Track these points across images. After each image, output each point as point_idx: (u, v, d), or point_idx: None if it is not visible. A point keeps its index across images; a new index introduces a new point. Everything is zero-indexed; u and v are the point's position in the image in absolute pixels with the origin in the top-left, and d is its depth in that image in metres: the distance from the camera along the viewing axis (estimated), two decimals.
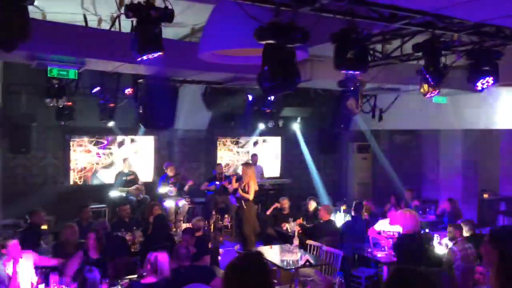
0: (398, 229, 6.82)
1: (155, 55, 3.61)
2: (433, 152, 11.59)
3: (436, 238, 7.03)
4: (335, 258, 6.43)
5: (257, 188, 8.58)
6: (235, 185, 8.78)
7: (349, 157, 13.21)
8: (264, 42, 3.20)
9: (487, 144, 10.57)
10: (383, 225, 7.37)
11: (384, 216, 8.18)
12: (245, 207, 8.38)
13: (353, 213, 8.01)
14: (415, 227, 5.51)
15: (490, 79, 4.90)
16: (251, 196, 8.32)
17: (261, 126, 10.56)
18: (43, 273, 5.59)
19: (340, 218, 8.66)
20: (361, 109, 6.57)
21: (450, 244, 6.00)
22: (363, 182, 12.89)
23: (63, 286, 5.00)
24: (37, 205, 8.16)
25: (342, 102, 6.17)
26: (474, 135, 10.22)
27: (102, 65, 5.92)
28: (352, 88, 6.09)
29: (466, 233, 6.28)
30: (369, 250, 6.81)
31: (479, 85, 4.94)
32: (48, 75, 5.51)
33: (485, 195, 10.57)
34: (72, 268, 5.42)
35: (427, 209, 9.88)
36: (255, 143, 12.50)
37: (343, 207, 9.34)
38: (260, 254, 2.01)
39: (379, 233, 7.27)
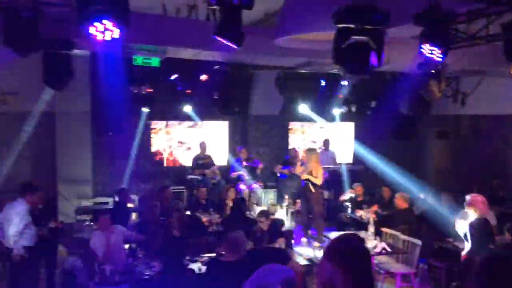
0: None
1: (234, 45, 3.68)
2: None
3: None
4: (413, 247, 6.27)
5: (322, 172, 8.58)
6: (299, 169, 8.79)
7: (428, 143, 12.65)
8: (341, 26, 3.16)
9: None
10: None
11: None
12: (313, 191, 8.37)
13: (431, 202, 7.73)
14: (485, 211, 5.44)
15: None
16: (319, 181, 8.30)
17: (334, 111, 10.44)
18: (131, 247, 6.05)
19: (417, 207, 8.38)
20: (442, 93, 6.26)
21: None
22: (442, 170, 12.32)
23: (148, 260, 5.38)
24: (122, 185, 8.78)
25: (421, 86, 5.92)
26: None
27: (182, 52, 6.17)
28: (433, 71, 5.82)
29: None
30: (450, 240, 6.55)
31: None
32: (133, 64, 5.85)
33: None
34: (156, 244, 5.80)
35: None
36: (327, 128, 12.39)
37: (420, 195, 9.03)
38: (358, 236, 1.98)
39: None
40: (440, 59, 3.24)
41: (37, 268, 5.87)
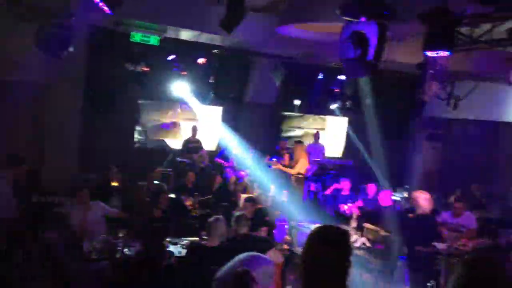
0: (461, 221, 6.63)
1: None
2: (510, 145, 10.89)
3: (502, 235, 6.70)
4: (392, 244, 6.33)
5: (307, 165, 8.60)
6: (287, 162, 8.89)
7: (417, 144, 12.72)
8: (348, 19, 3.12)
9: None
10: (446, 217, 7.11)
11: (448, 208, 7.87)
12: (294, 182, 8.41)
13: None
14: (428, 207, 5.64)
15: None
16: (293, 171, 8.36)
17: (329, 105, 10.44)
18: (112, 226, 6.00)
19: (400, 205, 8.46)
20: (437, 96, 6.27)
21: None
22: (429, 172, 12.41)
23: (129, 240, 5.34)
24: (109, 163, 8.67)
25: (417, 87, 5.93)
26: None
27: (182, 33, 6.07)
28: (431, 72, 5.82)
29: None
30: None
31: None
32: (130, 40, 5.75)
33: None
34: (138, 223, 5.77)
35: (495, 205, 9.42)
36: (320, 121, 12.39)
37: (405, 194, 9.10)
38: (339, 229, 2.02)
39: (441, 225, 7.03)
40: (440, 59, 3.21)
41: (17, 240, 5.79)
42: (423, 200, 5.62)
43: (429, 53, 3.14)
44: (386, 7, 3.08)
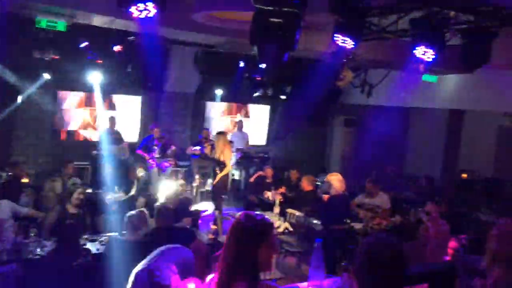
0: (376, 202, 7.02)
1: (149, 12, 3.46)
2: (419, 130, 11.72)
3: (412, 213, 7.19)
4: (312, 227, 6.57)
5: (231, 155, 8.56)
6: (209, 151, 8.82)
7: (335, 130, 13.26)
8: (259, 6, 3.12)
9: (473, 125, 10.68)
10: (362, 199, 7.49)
11: (363, 190, 8.29)
12: (218, 172, 8.23)
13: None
14: (341, 188, 5.89)
15: (482, 60, 4.91)
16: (227, 169, 8.15)
17: (251, 93, 10.50)
18: (22, 225, 5.60)
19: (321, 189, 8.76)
20: (351, 83, 6.55)
21: (425, 219, 6.13)
22: (346, 156, 13.01)
23: (42, 239, 5.03)
24: (19, 158, 8.07)
25: (333, 74, 6.14)
26: (460, 115, 10.32)
27: (93, 19, 5.74)
28: (344, 60, 6.06)
29: (441, 210, 6.41)
30: (347, 221, 6.93)
31: (471, 65, 4.96)
32: (36, 26, 5.34)
33: (464, 175, 10.74)
34: (51, 221, 5.44)
35: (406, 185, 10.10)
36: (243, 110, 12.46)
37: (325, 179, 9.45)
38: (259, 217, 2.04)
39: (358, 206, 7.39)
40: (351, 48, 3.34)
41: None
42: (336, 181, 5.86)
43: (338, 42, 3.26)
44: None
